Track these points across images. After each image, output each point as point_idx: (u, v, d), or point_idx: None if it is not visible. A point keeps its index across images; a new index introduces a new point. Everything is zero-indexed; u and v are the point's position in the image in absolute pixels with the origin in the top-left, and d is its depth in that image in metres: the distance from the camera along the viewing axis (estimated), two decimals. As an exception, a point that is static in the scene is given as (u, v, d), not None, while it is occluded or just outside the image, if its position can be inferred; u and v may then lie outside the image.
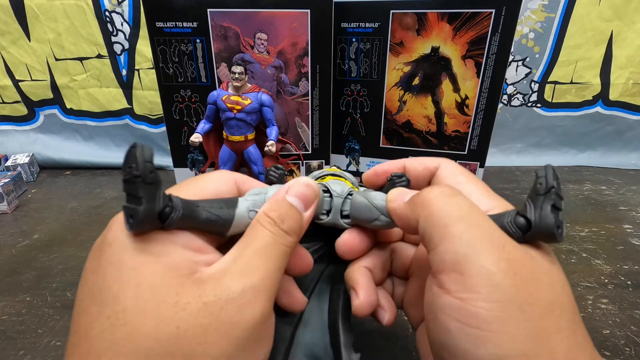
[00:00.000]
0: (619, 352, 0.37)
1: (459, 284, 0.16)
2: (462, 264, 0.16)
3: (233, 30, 0.58)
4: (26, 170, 0.81)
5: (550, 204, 0.17)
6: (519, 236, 0.18)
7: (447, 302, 0.17)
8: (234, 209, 0.20)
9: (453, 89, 0.62)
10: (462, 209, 0.18)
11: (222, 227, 0.20)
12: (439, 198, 0.19)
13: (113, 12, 0.78)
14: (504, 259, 0.16)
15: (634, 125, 0.87)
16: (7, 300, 0.45)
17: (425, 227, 0.18)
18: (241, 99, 0.56)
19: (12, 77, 0.84)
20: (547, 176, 0.17)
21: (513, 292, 0.16)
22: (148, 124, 0.89)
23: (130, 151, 0.16)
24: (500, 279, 0.16)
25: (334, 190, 0.25)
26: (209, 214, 0.19)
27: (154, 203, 0.16)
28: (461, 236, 0.17)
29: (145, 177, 0.16)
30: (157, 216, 0.17)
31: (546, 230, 0.17)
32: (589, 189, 0.76)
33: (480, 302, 0.16)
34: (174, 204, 0.18)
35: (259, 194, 0.22)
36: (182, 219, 0.18)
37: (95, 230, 0.61)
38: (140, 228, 0.17)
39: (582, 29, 0.79)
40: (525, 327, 0.15)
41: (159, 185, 0.17)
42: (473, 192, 0.22)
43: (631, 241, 0.57)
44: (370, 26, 0.62)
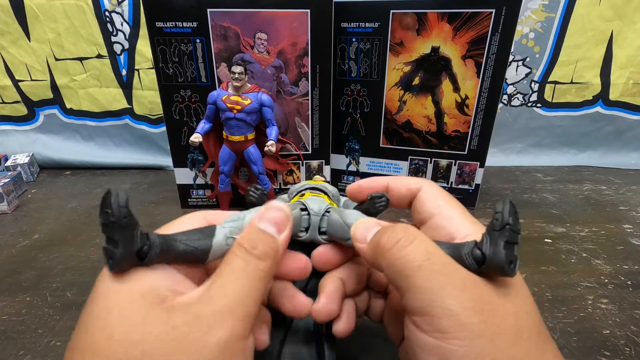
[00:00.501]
0: (619, 352, 0.37)
1: (431, 325, 0.17)
2: (431, 310, 0.17)
3: (233, 30, 0.58)
4: (26, 170, 0.81)
5: (504, 240, 0.18)
6: (474, 268, 0.19)
7: (424, 340, 0.18)
8: (211, 238, 0.21)
9: (453, 89, 0.62)
10: (419, 257, 0.18)
11: (200, 257, 0.21)
12: (396, 249, 0.19)
13: (113, 12, 0.78)
14: (467, 298, 0.17)
15: (634, 125, 0.87)
16: (7, 300, 0.45)
17: (390, 277, 0.20)
18: (241, 99, 0.56)
19: (12, 77, 0.84)
20: (504, 212, 0.18)
21: (482, 328, 0.17)
22: (148, 124, 0.89)
23: (105, 197, 0.17)
24: (467, 318, 0.17)
25: (312, 209, 0.26)
26: (185, 247, 0.20)
27: (131, 244, 0.18)
28: (422, 285, 0.18)
29: (120, 222, 0.17)
30: (135, 255, 0.18)
31: (497, 265, 0.18)
32: (589, 189, 0.76)
33: (453, 340, 0.17)
34: (151, 242, 0.19)
35: (236, 220, 0.22)
36: (160, 254, 0.19)
37: (95, 230, 0.61)
38: (119, 268, 0.18)
39: (582, 29, 0.79)
40: (498, 356, 0.17)
41: (134, 227, 0.18)
42: (453, 215, 0.23)
43: (631, 241, 0.57)
44: (370, 26, 0.62)
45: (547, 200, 0.72)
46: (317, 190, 0.30)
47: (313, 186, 0.31)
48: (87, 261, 0.53)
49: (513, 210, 0.18)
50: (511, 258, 0.18)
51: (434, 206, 0.24)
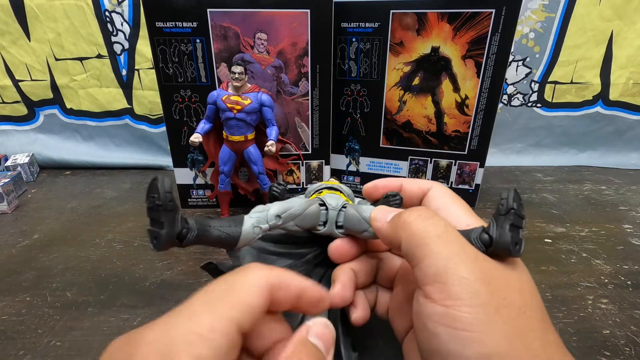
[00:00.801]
0: (619, 352, 0.37)
1: (442, 293, 0.18)
2: (444, 275, 0.19)
3: (233, 30, 0.58)
4: (26, 170, 0.81)
5: (509, 223, 0.19)
6: (483, 250, 0.20)
7: (433, 310, 0.19)
8: (240, 226, 0.24)
9: (453, 89, 0.62)
10: (438, 229, 0.20)
11: (231, 243, 0.23)
12: (418, 220, 0.21)
13: (113, 12, 0.78)
14: (477, 268, 0.19)
15: (634, 125, 0.87)
16: (7, 300, 0.45)
17: (407, 247, 0.21)
18: (241, 99, 0.56)
19: (12, 77, 0.84)
20: (509, 198, 0.20)
21: (489, 297, 0.18)
22: (148, 124, 0.89)
23: (152, 183, 0.19)
24: (477, 285, 0.18)
25: (330, 204, 0.28)
26: (219, 232, 0.23)
27: (173, 227, 0.20)
28: (440, 252, 0.19)
29: (166, 205, 0.19)
30: (176, 237, 0.20)
31: (503, 246, 0.19)
32: (589, 189, 0.76)
33: (464, 307, 0.18)
34: (189, 225, 0.21)
35: (262, 212, 0.25)
36: (197, 238, 0.21)
37: (95, 230, 0.61)
38: (162, 247, 0.20)
39: (582, 29, 0.79)
40: (503, 327, 0.17)
41: (177, 211, 0.20)
42: (456, 211, 0.25)
43: (631, 241, 0.57)
44: (370, 26, 0.62)
45: (547, 200, 0.72)
46: (334, 189, 0.32)
47: (330, 186, 0.33)
48: (87, 261, 0.53)
49: (517, 197, 0.20)
50: (516, 240, 0.19)
51: (440, 202, 0.26)
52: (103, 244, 0.57)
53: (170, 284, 0.47)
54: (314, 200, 0.29)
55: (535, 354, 0.17)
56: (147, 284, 0.48)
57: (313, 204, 0.28)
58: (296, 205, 0.27)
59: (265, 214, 0.25)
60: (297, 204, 0.27)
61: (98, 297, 0.45)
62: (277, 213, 0.26)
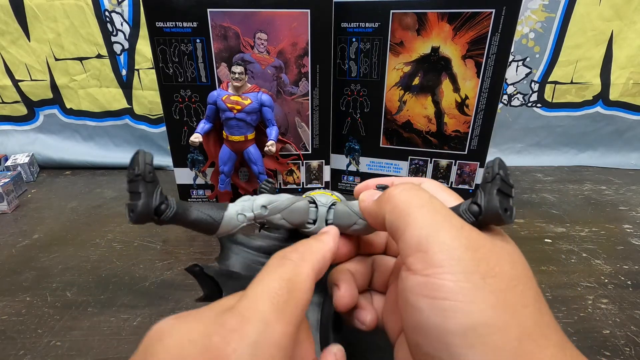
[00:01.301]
0: (619, 352, 0.37)
1: (424, 262, 0.17)
2: (425, 244, 0.18)
3: (233, 30, 0.58)
4: (26, 170, 0.81)
5: (496, 189, 0.18)
6: (472, 221, 0.19)
7: (414, 281, 0.18)
8: (223, 211, 0.23)
9: (453, 89, 0.62)
10: (422, 199, 0.20)
11: (212, 227, 0.22)
12: (401, 192, 0.20)
13: (113, 12, 0.78)
14: (463, 236, 0.17)
15: (634, 125, 0.87)
16: (7, 300, 0.45)
17: (391, 220, 0.20)
18: (241, 99, 0.56)
19: (12, 77, 0.84)
20: (494, 166, 0.19)
21: (475, 265, 0.17)
22: (148, 124, 0.89)
23: (133, 156, 0.19)
24: (461, 252, 0.17)
25: (319, 201, 0.28)
26: (199, 213, 0.22)
27: (151, 199, 0.19)
28: (423, 219, 0.18)
29: (145, 176, 0.19)
30: (153, 211, 0.19)
31: (492, 212, 0.18)
32: (589, 189, 0.76)
33: (446, 274, 0.16)
34: (169, 202, 0.20)
35: (248, 200, 0.25)
36: (175, 215, 0.20)
37: (95, 230, 0.61)
38: (138, 220, 0.19)
39: (583, 29, 0.79)
40: (490, 297, 0.16)
41: (156, 184, 0.19)
42: (445, 198, 0.23)
43: (631, 241, 0.57)
44: (370, 26, 0.62)
45: (547, 200, 0.72)
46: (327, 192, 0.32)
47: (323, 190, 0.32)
48: (87, 261, 0.53)
49: (502, 164, 0.19)
50: (505, 205, 0.18)
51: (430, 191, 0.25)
52: (103, 244, 0.57)
53: (170, 284, 0.47)
54: (304, 197, 0.28)
55: (528, 332, 0.16)
56: (147, 284, 0.48)
57: (302, 200, 0.27)
58: (283, 198, 0.26)
59: (250, 203, 0.24)
60: (284, 197, 0.26)
61: (98, 297, 0.45)
62: (264, 203, 0.25)
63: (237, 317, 0.16)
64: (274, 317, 0.16)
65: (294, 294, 0.18)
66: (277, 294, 0.17)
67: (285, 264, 0.19)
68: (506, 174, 0.19)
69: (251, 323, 0.16)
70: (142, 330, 0.41)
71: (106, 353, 0.37)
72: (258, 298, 0.17)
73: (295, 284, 0.18)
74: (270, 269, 0.19)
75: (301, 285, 0.18)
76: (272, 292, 0.17)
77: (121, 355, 0.36)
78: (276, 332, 0.16)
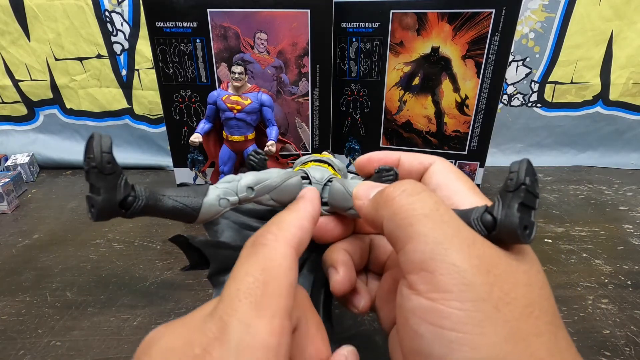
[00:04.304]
0: (619, 352, 0.37)
1: (429, 284, 0.15)
2: (431, 263, 0.15)
3: (233, 30, 0.58)
4: (26, 170, 0.81)
5: (518, 202, 0.16)
6: (484, 234, 0.17)
7: (417, 303, 0.16)
8: (202, 197, 0.20)
9: (453, 89, 0.62)
10: (426, 206, 0.17)
11: (190, 216, 0.20)
12: (403, 196, 0.18)
13: (113, 12, 0.78)
14: (475, 255, 0.15)
15: (634, 125, 0.87)
16: (7, 300, 0.45)
17: (390, 227, 0.18)
18: (241, 99, 0.56)
19: (12, 77, 0.84)
20: (520, 171, 0.16)
21: (487, 290, 0.15)
22: (148, 124, 0.89)
23: (88, 142, 0.16)
24: (472, 276, 0.15)
25: (313, 177, 0.25)
26: (174, 202, 0.19)
27: (114, 193, 0.17)
28: (427, 234, 0.16)
29: (102, 168, 0.16)
30: (118, 205, 0.17)
31: (509, 229, 0.16)
32: (589, 189, 0.76)
33: (453, 301, 0.15)
34: (137, 193, 0.18)
35: (232, 182, 0.21)
36: (145, 207, 0.18)
37: (95, 230, 0.61)
38: (101, 217, 0.17)
39: (582, 29, 0.79)
40: (503, 327, 0.14)
41: (118, 175, 0.17)
42: (460, 189, 0.21)
43: (631, 241, 0.57)
44: (370, 26, 0.62)
45: (547, 200, 0.72)
46: (322, 162, 0.29)
47: (319, 158, 0.29)
48: (87, 261, 0.53)
49: (531, 169, 0.16)
50: (526, 222, 0.15)
51: (442, 178, 0.23)
52: (103, 244, 0.57)
53: (170, 284, 0.47)
54: (297, 172, 0.25)
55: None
56: (147, 284, 0.48)
57: (294, 176, 0.24)
58: (273, 176, 0.23)
59: (235, 185, 0.21)
60: (275, 173, 0.23)
61: (98, 297, 0.45)
62: (250, 184, 0.22)
63: (218, 322, 0.15)
64: (254, 315, 0.15)
65: (271, 283, 0.16)
66: (252, 289, 0.16)
67: (256, 252, 0.17)
68: (533, 182, 0.16)
69: (231, 327, 0.15)
70: (142, 330, 0.41)
71: (106, 353, 0.37)
72: (233, 298, 0.15)
73: (270, 272, 0.16)
74: (242, 261, 0.17)
75: (278, 271, 0.17)
76: (246, 288, 0.16)
77: (121, 355, 0.36)
78: (260, 331, 0.15)
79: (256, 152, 0.26)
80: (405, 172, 0.25)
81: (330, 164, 0.29)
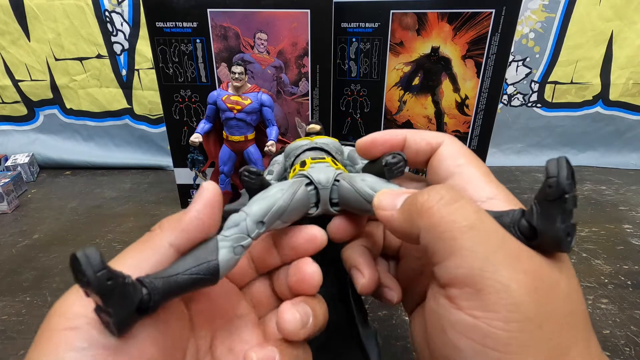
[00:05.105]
0: (619, 352, 0.37)
1: (473, 301, 0.15)
2: (478, 280, 0.15)
3: (233, 30, 0.58)
4: (26, 170, 0.81)
5: (561, 212, 0.14)
6: (522, 242, 0.16)
7: (458, 318, 0.15)
8: (214, 254, 0.18)
9: (453, 89, 0.62)
10: (468, 217, 0.16)
11: (212, 281, 0.18)
12: (441, 206, 0.16)
13: (113, 12, 0.78)
14: (522, 271, 0.15)
15: (634, 125, 0.87)
16: (7, 300, 0.45)
17: (428, 240, 0.17)
18: (241, 99, 0.56)
19: (12, 77, 0.85)
20: (560, 177, 0.14)
21: (534, 310, 0.14)
22: (148, 124, 0.89)
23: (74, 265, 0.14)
24: (521, 296, 0.14)
25: (319, 183, 0.23)
26: (191, 277, 0.17)
27: (126, 303, 0.15)
28: (474, 249, 0.15)
29: (104, 290, 0.14)
30: (136, 312, 0.15)
31: (554, 241, 0.15)
32: (589, 189, 0.76)
33: (498, 322, 0.14)
34: (149, 288, 0.16)
35: (239, 225, 0.19)
36: (165, 296, 0.16)
37: (95, 230, 0.61)
38: (124, 331, 0.15)
39: (583, 29, 0.79)
40: (545, 345, 0.14)
41: (122, 283, 0.15)
42: (473, 176, 0.20)
43: (631, 241, 0.57)
44: (370, 26, 0.62)
45: (547, 200, 0.72)
46: (318, 150, 0.27)
47: (312, 146, 0.27)
48: (87, 261, 0.53)
49: (570, 172, 0.14)
50: (569, 229, 0.15)
51: (453, 165, 0.21)
52: (103, 244, 0.57)
53: (170, 284, 0.47)
54: (299, 181, 0.23)
55: None
56: (147, 284, 0.48)
57: (299, 188, 0.22)
58: (277, 196, 0.21)
59: (243, 227, 0.19)
60: (279, 193, 0.21)
61: (98, 297, 0.45)
62: (259, 219, 0.20)
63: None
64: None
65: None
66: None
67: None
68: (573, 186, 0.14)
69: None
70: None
71: (106, 353, 0.37)
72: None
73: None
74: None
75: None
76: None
77: (121, 355, 0.36)
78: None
79: (249, 172, 0.22)
80: (412, 154, 0.23)
81: (327, 150, 0.27)
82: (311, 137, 0.29)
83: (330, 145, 0.28)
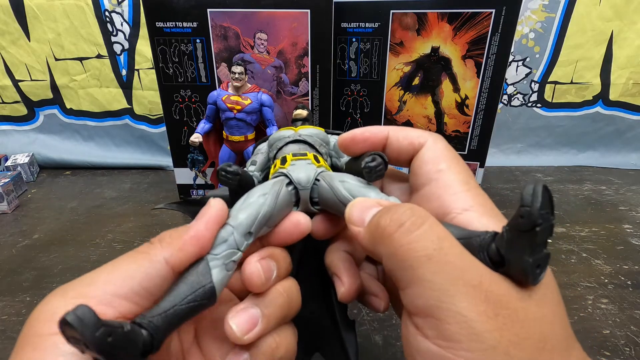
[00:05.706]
0: (619, 352, 0.37)
1: (436, 331, 0.15)
2: (437, 311, 0.15)
3: (233, 30, 0.58)
4: (26, 170, 0.81)
5: (530, 246, 0.14)
6: (490, 267, 0.15)
7: (425, 347, 0.15)
8: (207, 276, 0.18)
9: (453, 89, 0.62)
10: (429, 245, 0.15)
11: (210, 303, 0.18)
12: (401, 234, 0.16)
13: (113, 12, 0.78)
14: (482, 299, 0.14)
15: (634, 125, 0.87)
16: (7, 300, 0.45)
17: (390, 267, 0.16)
18: (241, 99, 0.56)
19: (12, 77, 0.84)
20: (533, 208, 0.13)
21: (497, 337, 0.14)
22: (148, 124, 0.89)
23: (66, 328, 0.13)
24: (481, 325, 0.14)
25: (298, 183, 0.22)
26: (189, 305, 0.17)
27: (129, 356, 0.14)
28: (431, 280, 0.15)
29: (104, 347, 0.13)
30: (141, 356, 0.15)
31: (520, 273, 0.14)
32: (589, 189, 0.76)
33: (462, 351, 0.14)
34: (150, 328, 0.15)
35: (227, 239, 0.19)
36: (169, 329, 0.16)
37: (95, 230, 0.61)
38: None
39: (583, 29, 0.79)
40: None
41: (121, 333, 0.14)
42: (452, 184, 0.19)
43: (631, 241, 0.57)
44: (370, 26, 0.62)
45: (547, 200, 0.72)
46: (301, 143, 0.26)
47: (295, 139, 0.27)
48: (87, 261, 0.53)
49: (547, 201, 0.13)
50: (539, 262, 0.14)
51: (434, 170, 0.20)
52: (103, 244, 0.57)
53: (170, 284, 0.47)
54: (279, 181, 0.22)
55: None
56: (147, 284, 0.48)
57: (281, 190, 0.21)
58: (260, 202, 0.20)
59: (232, 242, 0.19)
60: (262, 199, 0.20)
61: (98, 297, 0.45)
62: (246, 230, 0.19)
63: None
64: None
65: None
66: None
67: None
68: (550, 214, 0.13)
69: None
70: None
71: (106, 353, 0.37)
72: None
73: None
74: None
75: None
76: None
77: (121, 355, 0.36)
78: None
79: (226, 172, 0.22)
80: (394, 154, 0.22)
81: (310, 143, 0.26)
82: (295, 128, 0.28)
83: (315, 137, 0.27)
